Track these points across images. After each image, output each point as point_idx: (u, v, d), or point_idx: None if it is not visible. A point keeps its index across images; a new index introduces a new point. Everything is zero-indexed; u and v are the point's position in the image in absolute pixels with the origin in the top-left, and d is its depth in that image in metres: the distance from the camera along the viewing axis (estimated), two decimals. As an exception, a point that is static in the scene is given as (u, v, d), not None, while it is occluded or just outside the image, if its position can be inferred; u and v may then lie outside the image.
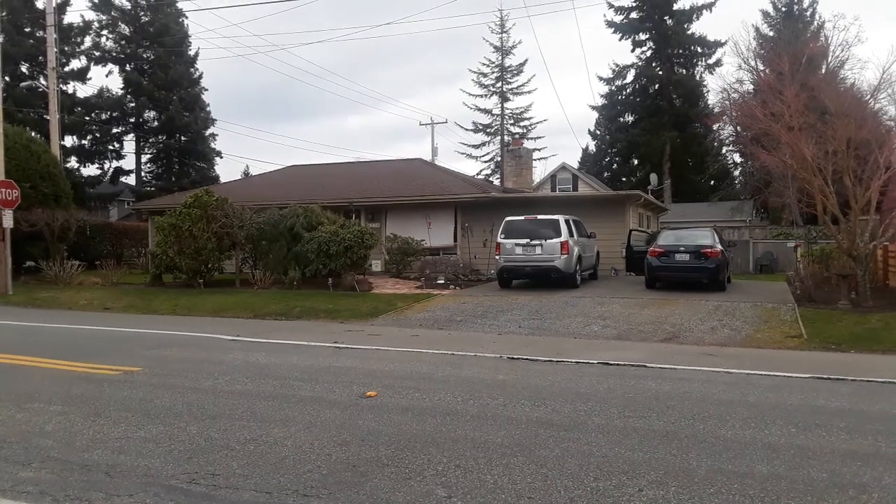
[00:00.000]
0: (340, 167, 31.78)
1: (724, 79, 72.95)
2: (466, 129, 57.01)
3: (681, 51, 50.22)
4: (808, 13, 45.13)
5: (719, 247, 16.97)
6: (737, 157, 46.77)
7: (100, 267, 22.59)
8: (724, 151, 47.81)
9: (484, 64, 55.70)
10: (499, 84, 55.58)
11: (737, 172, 49.03)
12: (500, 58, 55.09)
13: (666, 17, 49.00)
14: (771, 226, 35.36)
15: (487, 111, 55.94)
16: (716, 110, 41.19)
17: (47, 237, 21.26)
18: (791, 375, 7.99)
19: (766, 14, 45.64)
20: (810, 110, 16.86)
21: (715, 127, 42.97)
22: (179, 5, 42.37)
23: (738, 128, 34.50)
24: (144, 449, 5.04)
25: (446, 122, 59.31)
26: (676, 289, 16.57)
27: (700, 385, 7.37)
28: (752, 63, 35.09)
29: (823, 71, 28.40)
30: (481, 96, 55.77)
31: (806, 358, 9.55)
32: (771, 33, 42.54)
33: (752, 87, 33.22)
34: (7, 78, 30.57)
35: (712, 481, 4.35)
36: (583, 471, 4.54)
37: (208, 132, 44.23)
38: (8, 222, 18.60)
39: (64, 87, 35.09)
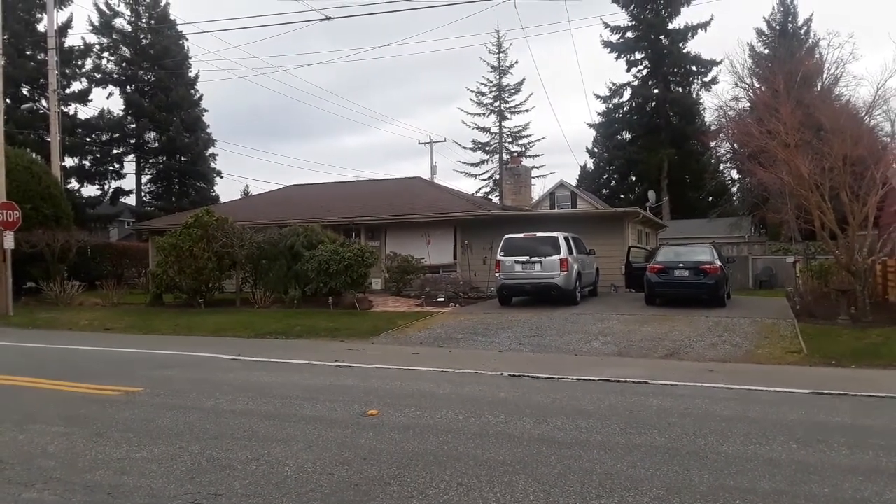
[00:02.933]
0: (340, 186, 31.90)
1: (720, 97, 73.56)
2: (465, 148, 57.29)
3: (676, 69, 50.58)
4: (803, 31, 45.57)
5: (718, 263, 17.00)
6: (734, 174, 46.93)
7: (100, 287, 22.60)
8: (721, 168, 47.97)
9: (482, 83, 56.08)
10: (497, 103, 55.91)
11: (735, 189, 49.15)
12: (497, 77, 55.47)
13: (661, 37, 49.41)
14: (770, 241, 35.39)
15: (486, 129, 56.23)
16: (712, 128, 41.34)
17: (48, 258, 21.29)
18: (792, 391, 8.00)
19: (760, 32, 46.11)
20: (806, 127, 16.97)
21: (712, 144, 43.08)
22: (180, 28, 42.80)
23: (735, 145, 34.62)
24: (147, 469, 5.04)
25: (445, 141, 59.72)
26: (676, 305, 16.58)
27: (701, 401, 7.38)
28: (748, 81, 35.29)
29: (819, 88, 28.56)
30: (480, 115, 56.10)
31: (806, 373, 9.57)
32: (766, 51, 42.89)
33: (747, 104, 33.41)
34: (9, 100, 30.74)
35: (714, 497, 4.36)
36: (585, 488, 4.55)
37: (208, 153, 44.45)
38: (9, 243, 18.65)
39: (65, 109, 35.29)
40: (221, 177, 46.13)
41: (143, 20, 42.63)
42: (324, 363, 10.41)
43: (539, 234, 17.89)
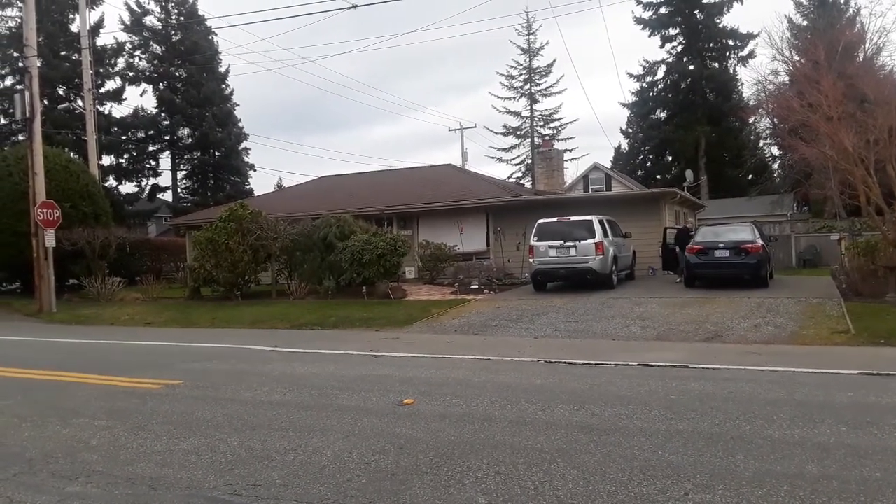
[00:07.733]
0: (371, 176, 31.97)
1: (759, 71, 71.43)
2: (496, 133, 57.07)
3: (712, 44, 49.46)
4: (843, 0, 44.06)
5: (760, 242, 16.57)
6: (775, 150, 45.82)
7: (140, 282, 23.05)
8: (761, 145, 46.88)
9: (512, 66, 55.66)
10: (527, 86, 55.41)
11: (775, 165, 48.00)
12: (527, 60, 54.99)
13: (695, 11, 48.33)
14: (813, 219, 34.48)
15: (517, 114, 55.83)
16: (751, 103, 40.38)
17: (88, 255, 21.77)
18: (839, 372, 7.75)
19: (798, 3, 44.70)
20: (849, 99, 16.43)
21: (751, 120, 42.13)
22: (209, 23, 43.24)
23: (775, 120, 33.81)
24: (187, 461, 5.09)
25: (475, 127, 59.76)
26: (717, 286, 16.23)
27: (745, 385, 7.18)
28: (787, 54, 34.35)
29: (861, 58, 27.66)
30: (510, 99, 55.70)
31: (854, 354, 9.26)
32: (805, 23, 41.65)
33: (787, 78, 32.50)
34: (45, 101, 31.47)
35: (760, 483, 4.22)
36: (625, 475, 4.44)
37: (241, 146, 44.99)
38: (50, 242, 19.10)
39: (100, 108, 35.99)
40: (255, 170, 46.78)
41: (173, 17, 43.21)
42: (359, 353, 10.43)
43: (573, 217, 17.65)
